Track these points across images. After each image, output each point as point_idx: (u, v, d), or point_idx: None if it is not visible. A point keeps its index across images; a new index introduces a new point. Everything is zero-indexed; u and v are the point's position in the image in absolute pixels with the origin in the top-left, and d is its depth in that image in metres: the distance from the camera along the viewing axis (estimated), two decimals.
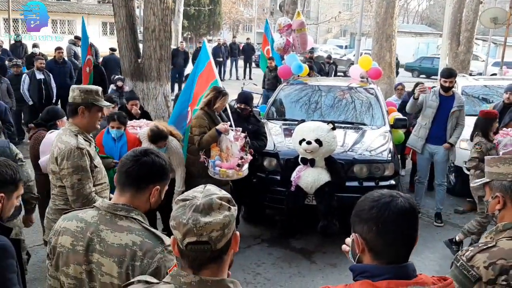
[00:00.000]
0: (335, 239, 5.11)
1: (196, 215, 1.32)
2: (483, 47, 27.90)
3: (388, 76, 12.38)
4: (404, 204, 1.41)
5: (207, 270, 1.36)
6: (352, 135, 5.86)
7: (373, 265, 1.43)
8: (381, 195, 1.44)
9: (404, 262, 1.42)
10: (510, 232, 1.81)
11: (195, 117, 4.91)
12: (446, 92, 5.89)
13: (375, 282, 1.37)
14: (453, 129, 5.87)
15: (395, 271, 1.39)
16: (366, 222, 1.42)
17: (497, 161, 1.91)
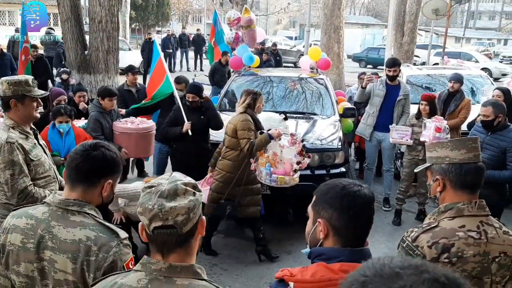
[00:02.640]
0: (289, 227, 5.22)
1: (161, 200, 1.36)
2: (426, 38, 29.01)
3: (337, 66, 12.65)
4: (368, 193, 1.51)
5: (175, 254, 1.39)
6: (303, 125, 5.97)
7: (329, 248, 1.49)
8: (348, 185, 1.51)
9: (361, 245, 1.49)
10: (451, 212, 1.91)
11: (242, 120, 4.60)
12: (392, 81, 6.11)
13: (329, 264, 1.43)
14: (399, 117, 6.11)
15: (350, 254, 1.45)
16: (336, 209, 1.48)
17: (435, 146, 2.00)
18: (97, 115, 5.19)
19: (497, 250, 1.85)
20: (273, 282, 1.50)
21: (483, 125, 4.40)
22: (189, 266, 1.39)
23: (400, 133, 5.70)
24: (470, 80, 8.87)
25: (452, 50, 25.65)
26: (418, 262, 0.79)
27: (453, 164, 1.93)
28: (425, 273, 0.75)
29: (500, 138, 4.25)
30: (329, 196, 1.51)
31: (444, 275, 0.75)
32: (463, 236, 1.84)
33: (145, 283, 1.36)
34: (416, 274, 0.75)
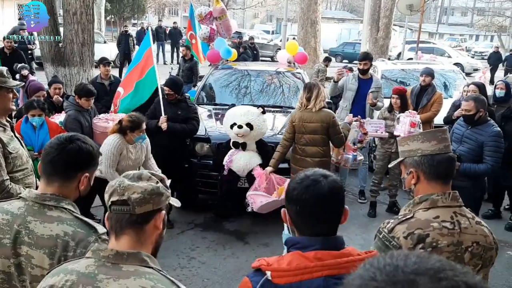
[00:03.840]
0: (267, 220, 5.26)
1: (123, 179, 1.46)
2: (400, 33, 29.41)
3: (314, 61, 12.74)
4: (325, 186, 1.49)
5: (126, 236, 1.45)
6: (281, 118, 6.01)
7: (304, 237, 1.52)
8: (304, 178, 1.52)
9: (333, 234, 1.52)
10: (425, 204, 1.95)
11: (333, 117, 4.76)
12: (364, 74, 6.23)
13: (305, 252, 1.46)
14: (371, 110, 6.20)
15: (324, 243, 1.48)
16: (290, 201, 1.53)
17: (407, 139, 2.05)
18: (75, 114, 4.95)
19: (470, 240, 1.91)
20: (250, 272, 1.52)
21: (465, 119, 4.47)
22: (136, 253, 1.43)
23: (374, 126, 5.78)
24: (443, 75, 9.06)
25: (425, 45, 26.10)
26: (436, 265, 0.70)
27: (425, 156, 1.97)
28: (444, 280, 0.66)
29: (479, 133, 4.33)
30: (289, 187, 1.56)
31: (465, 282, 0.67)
32: (437, 226, 1.89)
33: (93, 269, 1.40)
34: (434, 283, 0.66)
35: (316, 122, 4.69)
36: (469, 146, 4.32)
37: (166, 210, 1.53)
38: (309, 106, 4.72)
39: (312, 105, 4.70)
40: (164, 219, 1.52)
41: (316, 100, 4.68)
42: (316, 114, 4.69)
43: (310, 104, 4.71)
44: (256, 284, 1.45)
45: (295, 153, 4.89)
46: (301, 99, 4.85)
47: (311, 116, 4.71)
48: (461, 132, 4.42)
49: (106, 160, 4.29)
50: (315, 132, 4.71)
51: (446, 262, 0.71)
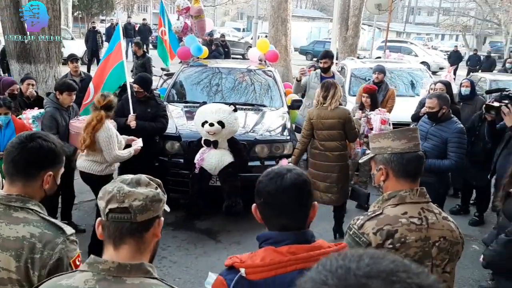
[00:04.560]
0: (239, 218, 5.26)
1: (122, 185, 1.36)
2: (369, 32, 29.88)
3: (285, 59, 12.78)
4: (297, 177, 1.52)
5: (126, 246, 1.36)
6: (253, 116, 6.01)
7: (276, 232, 1.53)
8: (270, 172, 1.56)
9: (303, 228, 1.55)
10: (394, 200, 1.99)
11: (348, 113, 4.94)
12: (326, 72, 6.29)
13: (278, 247, 1.48)
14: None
15: (295, 237, 1.51)
16: (261, 197, 1.54)
17: (378, 136, 2.08)
18: (52, 112, 4.74)
19: (437, 235, 1.95)
20: (223, 270, 1.52)
21: (428, 116, 4.58)
22: (139, 264, 1.36)
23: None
24: (411, 73, 9.26)
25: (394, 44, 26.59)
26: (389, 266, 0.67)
27: (395, 154, 2.00)
28: (397, 283, 0.64)
29: (443, 129, 4.44)
30: (260, 185, 1.56)
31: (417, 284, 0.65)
32: (405, 222, 1.92)
33: (93, 284, 1.30)
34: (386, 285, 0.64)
35: (332, 118, 4.86)
36: (433, 142, 4.43)
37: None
38: (325, 104, 4.87)
39: (328, 103, 4.86)
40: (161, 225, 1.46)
41: (332, 99, 4.84)
42: (333, 111, 4.86)
43: (327, 103, 4.86)
44: (230, 282, 1.45)
45: (315, 149, 4.99)
46: (317, 97, 4.97)
47: (328, 113, 4.86)
48: (426, 129, 4.53)
49: (112, 144, 4.25)
50: (333, 128, 4.86)
51: (401, 263, 0.69)
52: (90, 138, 4.18)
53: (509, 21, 29.86)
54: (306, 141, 5.03)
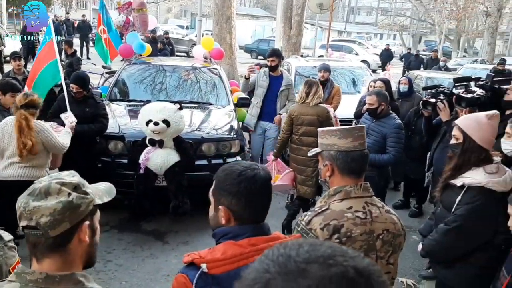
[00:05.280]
0: (186, 218, 5.20)
1: (28, 199, 1.27)
2: (311, 31, 30.47)
3: (230, 57, 12.75)
4: (264, 174, 1.58)
5: (49, 260, 1.29)
6: (199, 114, 5.96)
7: (234, 227, 1.54)
8: (244, 169, 1.55)
9: (262, 221, 1.59)
10: (340, 195, 2.03)
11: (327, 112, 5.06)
12: (273, 71, 6.29)
13: (238, 241, 1.49)
14: (282, 107, 6.32)
15: (254, 229, 1.54)
16: (235, 195, 1.53)
17: (326, 133, 2.11)
18: None
19: (381, 228, 2.02)
20: (182, 268, 1.50)
21: (369, 112, 4.77)
22: (69, 275, 1.29)
23: None
24: (352, 71, 9.54)
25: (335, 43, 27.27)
26: (327, 251, 0.70)
27: (340, 152, 2.05)
28: (333, 266, 0.67)
29: (382, 125, 4.64)
30: (227, 183, 1.55)
31: (353, 267, 0.68)
32: (351, 217, 1.97)
33: None
34: (323, 270, 0.67)
35: (312, 115, 5.02)
36: (374, 138, 4.60)
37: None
38: (307, 101, 5.05)
39: (310, 99, 5.03)
40: (93, 225, 1.39)
41: (314, 96, 5.02)
42: (312, 108, 5.03)
43: (308, 99, 5.04)
44: (193, 278, 1.43)
45: (293, 143, 5.11)
46: (300, 94, 5.14)
47: (308, 109, 5.04)
48: (367, 125, 4.69)
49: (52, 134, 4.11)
50: (312, 124, 4.97)
51: (338, 248, 0.72)
52: (32, 140, 3.95)
53: (442, 21, 31.46)
54: (286, 136, 5.16)
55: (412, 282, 4.40)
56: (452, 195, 2.79)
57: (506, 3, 28.00)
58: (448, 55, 29.92)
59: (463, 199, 2.72)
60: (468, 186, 2.69)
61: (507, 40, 42.52)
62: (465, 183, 2.70)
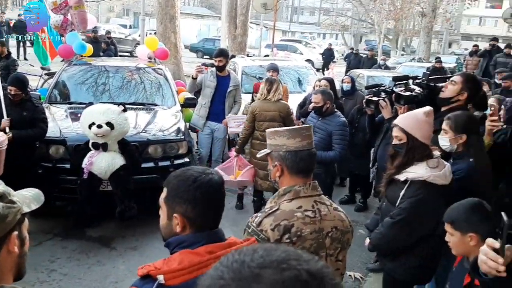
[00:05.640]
0: (134, 223, 5.08)
1: None
2: (256, 31, 30.66)
3: (175, 56, 12.59)
4: (218, 179, 1.56)
5: None
6: (144, 116, 5.83)
7: (189, 235, 1.51)
8: (199, 174, 1.52)
9: (216, 227, 1.57)
10: (289, 195, 2.05)
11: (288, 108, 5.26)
12: (221, 71, 6.25)
13: (194, 249, 1.45)
14: (231, 107, 6.33)
15: (210, 236, 1.51)
16: (191, 202, 1.50)
17: (275, 134, 2.13)
18: None
19: (330, 225, 2.05)
20: (136, 281, 1.45)
21: (314, 111, 4.87)
22: None
23: (237, 121, 5.94)
24: (297, 70, 9.69)
25: (280, 43, 27.64)
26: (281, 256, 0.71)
27: (289, 152, 2.06)
28: (287, 270, 0.68)
29: (328, 123, 4.76)
30: (181, 190, 1.51)
31: (306, 270, 0.69)
32: (300, 216, 1.99)
33: None
34: (277, 274, 0.68)
35: (274, 111, 5.19)
36: (320, 135, 4.71)
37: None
38: (269, 97, 5.22)
39: (271, 96, 5.21)
40: (22, 235, 1.32)
41: (275, 93, 5.22)
42: (274, 104, 5.21)
43: (270, 95, 5.21)
44: None
45: (256, 139, 5.17)
46: (262, 91, 5.30)
47: (270, 105, 5.21)
48: (313, 123, 4.81)
49: None
50: (274, 120, 5.12)
51: (293, 252, 0.72)
52: None
53: (381, 21, 32.58)
54: (247, 133, 5.24)
55: (360, 276, 4.53)
56: (396, 190, 2.90)
57: (440, 4, 29.44)
58: (388, 54, 31.07)
59: (406, 193, 2.83)
60: (411, 181, 2.81)
61: (441, 39, 44.76)
62: (408, 178, 2.81)
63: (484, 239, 2.13)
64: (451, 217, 2.25)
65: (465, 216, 2.18)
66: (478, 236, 2.14)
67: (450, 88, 3.49)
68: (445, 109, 3.48)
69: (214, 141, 6.46)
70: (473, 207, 2.18)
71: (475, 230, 2.13)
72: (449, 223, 2.25)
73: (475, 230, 2.13)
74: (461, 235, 2.19)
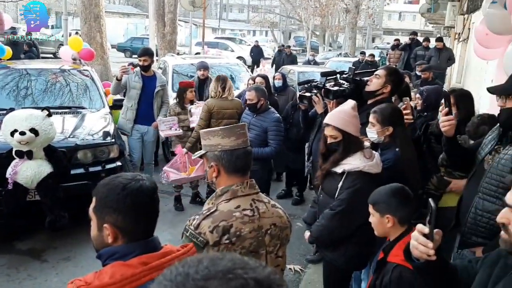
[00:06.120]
0: (65, 233, 4.85)
1: None
2: (186, 28, 30.32)
3: (101, 57, 12.16)
4: (150, 185, 1.51)
5: None
6: (71, 120, 5.58)
7: (121, 246, 1.45)
8: (128, 181, 1.47)
9: (151, 236, 1.52)
10: (227, 195, 2.04)
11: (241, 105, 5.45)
12: (146, 71, 6.01)
13: (127, 261, 1.40)
14: (159, 108, 6.12)
15: (144, 246, 1.46)
16: (121, 211, 1.44)
17: (209, 134, 2.10)
18: None
19: (268, 223, 2.07)
20: None
21: (249, 108, 4.90)
22: None
23: (167, 124, 5.80)
24: (229, 68, 9.69)
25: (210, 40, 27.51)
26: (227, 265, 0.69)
27: (225, 151, 2.04)
28: (233, 280, 0.67)
29: (262, 119, 4.81)
30: (110, 199, 1.45)
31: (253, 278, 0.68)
32: (239, 216, 1.99)
33: None
34: (223, 285, 0.66)
35: (232, 108, 5.38)
36: (255, 132, 4.75)
37: None
38: (225, 95, 5.37)
39: (227, 94, 5.37)
40: None
41: (230, 90, 5.41)
42: (232, 102, 5.40)
43: (225, 93, 5.37)
44: None
45: None
46: (215, 89, 5.40)
47: (228, 103, 5.38)
48: (248, 120, 4.84)
49: None
50: (232, 117, 5.29)
51: (239, 260, 0.71)
52: None
53: (308, 17, 33.42)
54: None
55: (299, 268, 4.63)
56: (333, 182, 3.00)
57: (362, 0, 30.71)
58: (316, 50, 31.96)
59: (344, 184, 2.94)
60: (348, 172, 2.92)
61: (365, 34, 46.71)
62: (345, 169, 2.92)
63: (401, 222, 2.29)
64: (373, 199, 2.38)
65: (385, 198, 2.32)
66: (394, 218, 2.29)
67: (375, 82, 3.65)
68: (371, 101, 3.64)
69: (144, 145, 6.22)
70: (394, 191, 2.32)
71: (393, 212, 2.26)
72: (371, 204, 2.38)
73: (393, 212, 2.26)
74: (380, 216, 2.32)
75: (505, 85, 2.43)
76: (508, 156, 2.36)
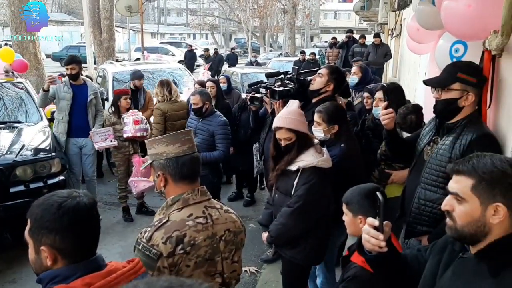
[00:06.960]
0: (9, 254, 4.61)
1: None
2: (124, 34, 29.63)
3: (36, 67, 11.62)
4: (87, 200, 1.44)
5: None
6: (7, 135, 5.29)
7: (62, 268, 1.39)
8: (63, 199, 1.40)
9: (93, 254, 1.45)
10: (178, 204, 1.99)
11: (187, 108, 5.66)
12: (75, 80, 5.64)
13: (69, 283, 1.34)
14: (94, 118, 5.77)
15: (87, 266, 1.40)
16: (59, 231, 1.37)
17: (153, 143, 2.04)
18: None
19: (222, 229, 2.04)
20: None
21: (194, 112, 4.86)
22: None
23: (102, 135, 5.55)
24: (171, 73, 9.56)
25: (150, 45, 27.03)
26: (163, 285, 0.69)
27: (170, 159, 2.00)
28: None
29: (209, 123, 4.78)
30: (46, 219, 1.38)
31: None
32: (192, 224, 1.95)
33: None
34: None
35: (182, 110, 5.68)
36: (202, 137, 4.73)
37: None
38: (173, 98, 5.64)
39: (175, 96, 5.62)
40: None
41: (176, 92, 5.65)
42: (180, 104, 5.72)
43: (173, 96, 5.62)
44: None
45: None
46: (162, 93, 5.65)
47: (178, 105, 5.68)
48: (194, 125, 4.81)
49: None
50: (184, 118, 5.48)
51: (175, 280, 0.70)
52: None
53: (247, 19, 33.66)
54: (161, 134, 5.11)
55: (255, 269, 4.65)
56: (288, 181, 3.03)
57: (299, 1, 31.32)
58: (258, 51, 32.21)
59: (300, 181, 2.97)
60: (302, 168, 2.96)
61: (303, 34, 47.64)
62: (300, 166, 2.96)
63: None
64: (347, 199, 2.38)
65: (358, 199, 2.32)
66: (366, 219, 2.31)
67: (318, 81, 3.74)
68: (315, 100, 3.72)
69: (83, 159, 5.80)
70: (366, 193, 2.30)
71: (365, 213, 2.27)
72: (345, 203, 2.38)
73: (365, 213, 2.27)
74: (353, 216, 2.33)
75: (440, 78, 2.54)
76: (446, 147, 2.47)
